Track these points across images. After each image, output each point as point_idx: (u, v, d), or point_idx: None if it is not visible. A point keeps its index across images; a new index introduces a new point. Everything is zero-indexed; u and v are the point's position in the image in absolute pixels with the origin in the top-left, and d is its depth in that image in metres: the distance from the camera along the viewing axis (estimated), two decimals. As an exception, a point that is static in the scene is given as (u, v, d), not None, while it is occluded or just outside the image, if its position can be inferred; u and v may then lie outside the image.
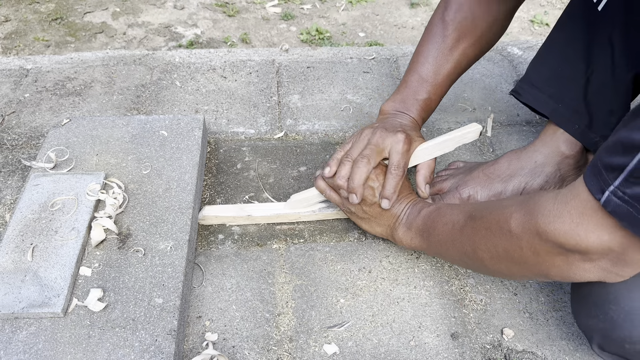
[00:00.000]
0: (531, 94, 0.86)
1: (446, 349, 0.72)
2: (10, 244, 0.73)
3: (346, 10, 1.80)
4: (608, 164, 0.47)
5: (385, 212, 0.77)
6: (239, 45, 1.60)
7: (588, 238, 0.50)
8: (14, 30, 1.60)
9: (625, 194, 0.45)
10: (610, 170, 0.46)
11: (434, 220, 0.72)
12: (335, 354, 0.71)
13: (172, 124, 0.94)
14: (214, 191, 0.92)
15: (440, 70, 0.83)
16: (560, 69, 0.83)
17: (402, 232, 0.76)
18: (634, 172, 0.44)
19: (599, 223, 0.49)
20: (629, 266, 0.51)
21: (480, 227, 0.63)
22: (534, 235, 0.55)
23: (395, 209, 0.77)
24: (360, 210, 0.79)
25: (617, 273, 0.52)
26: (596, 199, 0.48)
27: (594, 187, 0.48)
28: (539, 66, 0.86)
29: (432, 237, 0.71)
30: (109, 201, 0.79)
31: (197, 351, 0.70)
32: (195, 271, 0.80)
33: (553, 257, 0.54)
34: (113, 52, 1.25)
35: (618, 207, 0.46)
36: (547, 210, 0.53)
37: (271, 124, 1.07)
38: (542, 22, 1.77)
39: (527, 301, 0.78)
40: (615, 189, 0.46)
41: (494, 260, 0.62)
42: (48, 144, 0.89)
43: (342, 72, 1.21)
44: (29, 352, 0.63)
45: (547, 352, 0.73)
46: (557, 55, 0.83)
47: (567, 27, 0.81)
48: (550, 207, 0.53)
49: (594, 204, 0.48)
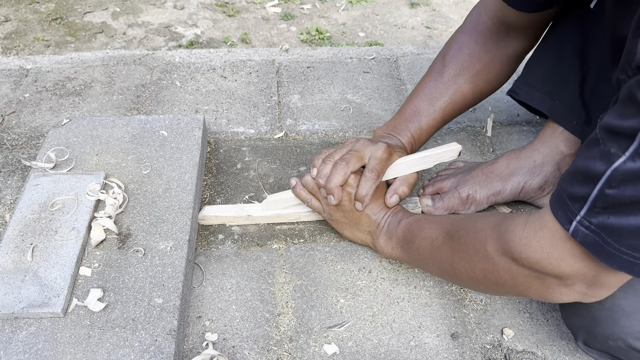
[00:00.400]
0: (528, 92, 0.87)
1: (446, 349, 0.72)
2: (10, 244, 0.73)
3: (346, 10, 1.80)
4: (571, 194, 0.48)
5: (365, 218, 0.78)
6: (239, 45, 1.60)
7: (560, 266, 0.51)
8: (14, 30, 1.60)
9: (591, 223, 0.46)
10: (575, 200, 0.48)
11: (413, 233, 0.73)
12: (335, 354, 0.71)
13: (172, 124, 0.94)
14: (214, 191, 0.92)
15: (434, 103, 0.85)
16: (556, 66, 0.83)
17: (383, 241, 0.77)
18: (596, 202, 0.45)
19: (570, 252, 0.50)
20: (604, 288, 0.52)
21: (458, 249, 0.64)
22: (510, 261, 0.56)
23: (376, 216, 0.78)
24: (340, 215, 0.80)
25: (592, 295, 0.53)
26: (565, 229, 0.49)
27: (561, 217, 0.49)
28: (535, 65, 0.87)
29: (412, 250, 0.73)
30: (109, 201, 0.79)
31: (197, 351, 0.70)
32: (195, 271, 0.80)
33: (530, 281, 0.56)
34: (113, 52, 1.25)
35: (586, 237, 0.47)
36: (518, 238, 0.54)
37: (271, 124, 1.07)
38: (542, 22, 1.76)
39: (527, 301, 0.78)
40: (582, 219, 0.47)
41: (472, 280, 0.64)
42: (48, 144, 0.89)
43: (342, 72, 1.21)
44: (29, 352, 0.63)
45: (547, 352, 0.73)
46: (552, 53, 0.84)
47: (561, 26, 0.82)
48: (520, 234, 0.54)
49: (562, 234, 0.50)
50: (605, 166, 0.43)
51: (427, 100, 0.85)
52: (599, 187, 0.44)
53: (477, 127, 1.08)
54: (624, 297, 0.57)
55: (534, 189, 0.85)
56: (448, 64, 0.85)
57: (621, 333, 0.57)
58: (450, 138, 1.05)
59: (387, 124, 0.88)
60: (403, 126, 0.86)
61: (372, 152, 0.78)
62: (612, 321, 0.58)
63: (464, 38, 0.85)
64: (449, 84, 0.85)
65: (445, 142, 1.04)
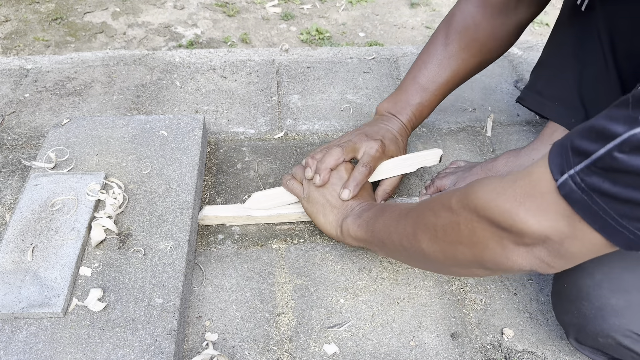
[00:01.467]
0: (534, 99, 0.90)
1: (446, 349, 0.72)
2: (10, 244, 0.73)
3: (346, 10, 1.80)
4: (577, 146, 0.45)
5: (342, 203, 0.78)
6: (239, 45, 1.60)
7: (527, 220, 0.48)
8: (14, 30, 1.60)
9: (583, 181, 0.43)
10: (577, 153, 0.45)
11: (383, 208, 0.72)
12: (335, 354, 0.71)
13: (172, 124, 0.94)
14: (214, 191, 0.92)
15: (437, 78, 0.84)
16: (557, 70, 0.85)
17: (350, 220, 0.75)
18: (597, 161, 0.43)
19: (546, 205, 0.47)
20: (563, 258, 0.49)
21: (425, 208, 0.62)
22: (472, 211, 0.53)
23: (353, 203, 0.78)
24: (320, 197, 0.79)
25: (549, 264, 0.50)
26: (554, 178, 0.46)
27: (555, 166, 0.46)
28: (540, 72, 0.90)
29: (377, 224, 0.70)
30: (109, 201, 0.79)
31: (197, 351, 0.70)
32: (195, 271, 0.80)
33: (487, 238, 0.52)
34: (113, 52, 1.25)
35: (572, 193, 0.44)
36: (492, 187, 0.51)
37: (271, 124, 1.07)
38: (542, 22, 1.76)
39: (527, 301, 0.78)
40: (575, 174, 0.44)
41: (431, 242, 0.60)
42: (48, 144, 0.89)
43: (342, 72, 1.21)
44: (29, 352, 0.63)
45: (547, 352, 0.73)
46: (554, 58, 0.86)
47: (559, 31, 0.84)
48: (495, 185, 0.51)
49: (547, 185, 0.46)
50: (625, 129, 0.41)
51: (430, 75, 0.84)
52: (609, 147, 0.42)
53: (477, 127, 1.08)
54: (613, 296, 0.57)
55: None
56: (452, 36, 0.83)
57: (611, 330, 0.58)
58: (450, 138, 1.05)
59: (389, 98, 0.88)
60: (404, 103, 0.86)
61: (367, 148, 0.80)
62: (601, 319, 0.58)
63: (470, 8, 0.83)
64: (454, 58, 0.83)
65: (445, 143, 1.04)
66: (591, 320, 0.59)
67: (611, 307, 0.57)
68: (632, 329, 0.56)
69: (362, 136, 0.81)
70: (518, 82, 1.19)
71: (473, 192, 0.53)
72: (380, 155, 0.80)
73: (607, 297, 0.58)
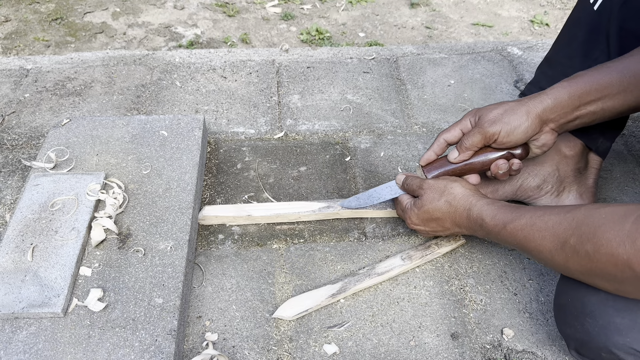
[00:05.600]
0: None
1: (446, 349, 0.72)
2: (10, 244, 0.73)
3: (346, 10, 1.80)
4: None
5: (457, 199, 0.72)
6: (239, 45, 1.60)
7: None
8: (14, 30, 1.60)
9: None
10: None
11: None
12: (335, 354, 0.71)
13: (172, 124, 0.94)
14: (214, 191, 0.92)
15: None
16: (563, 68, 0.84)
17: (483, 206, 0.69)
18: None
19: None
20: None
21: (581, 260, 0.56)
22: None
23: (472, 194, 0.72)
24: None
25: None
26: None
27: None
28: (545, 68, 0.89)
29: (519, 222, 0.64)
30: (109, 201, 0.79)
31: (197, 351, 0.70)
32: (195, 271, 0.80)
33: None
34: (113, 52, 1.25)
35: None
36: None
37: (271, 124, 1.07)
38: (542, 22, 1.76)
39: (527, 301, 0.78)
40: None
41: (581, 271, 0.57)
42: (48, 144, 0.89)
43: (342, 72, 1.21)
44: (29, 352, 0.63)
45: (547, 352, 0.73)
46: (560, 55, 0.85)
47: (569, 28, 0.83)
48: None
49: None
50: None
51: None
52: None
53: (477, 127, 1.08)
54: (618, 315, 0.57)
55: (531, 188, 0.85)
56: None
57: (614, 347, 0.58)
58: (450, 138, 1.05)
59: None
60: None
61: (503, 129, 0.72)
62: (605, 337, 0.58)
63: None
64: None
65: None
66: (595, 337, 0.59)
67: (615, 326, 0.57)
68: (635, 348, 0.56)
69: None
70: (518, 82, 1.19)
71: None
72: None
73: (612, 316, 0.57)
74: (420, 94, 1.15)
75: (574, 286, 0.62)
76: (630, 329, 0.56)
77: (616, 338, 0.57)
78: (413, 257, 0.81)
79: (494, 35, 1.71)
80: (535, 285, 0.80)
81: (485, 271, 0.82)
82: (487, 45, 1.31)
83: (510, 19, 1.79)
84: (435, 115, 1.10)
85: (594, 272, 0.55)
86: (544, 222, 0.61)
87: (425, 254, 0.81)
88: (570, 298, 0.63)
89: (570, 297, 0.63)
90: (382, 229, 0.87)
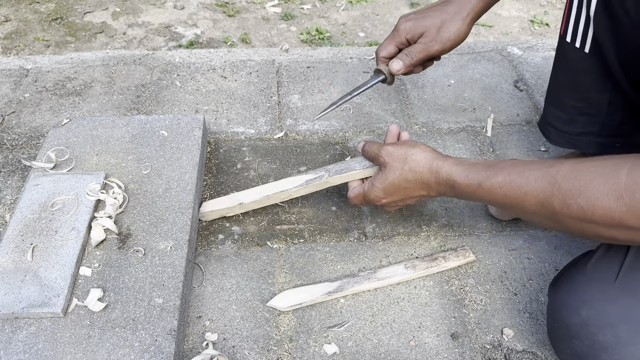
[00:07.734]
0: (560, 136, 0.87)
1: (446, 349, 0.72)
2: (10, 244, 0.73)
3: (346, 10, 1.80)
4: None
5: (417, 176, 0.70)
6: (239, 45, 1.60)
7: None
8: (14, 30, 1.60)
9: None
10: None
11: (497, 163, 0.62)
12: (335, 354, 0.71)
13: (172, 124, 0.94)
14: (214, 191, 0.92)
15: None
16: (574, 113, 0.83)
17: (451, 166, 0.66)
18: None
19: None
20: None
21: (575, 216, 0.53)
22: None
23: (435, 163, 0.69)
24: None
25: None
26: None
27: None
28: (555, 111, 0.86)
29: (496, 179, 0.61)
30: (109, 201, 0.79)
31: (197, 351, 0.70)
32: (195, 271, 0.80)
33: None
34: (113, 52, 1.25)
35: None
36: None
37: (271, 124, 1.07)
38: (542, 22, 1.76)
39: (527, 301, 0.78)
40: None
41: (586, 236, 0.55)
42: (48, 144, 0.89)
43: (342, 72, 1.21)
44: (29, 352, 0.63)
45: (547, 352, 0.73)
46: (566, 101, 0.83)
47: (566, 74, 0.82)
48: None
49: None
50: None
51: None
52: None
53: (477, 127, 1.08)
54: (600, 332, 0.57)
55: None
56: None
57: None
58: (450, 138, 1.05)
59: None
60: None
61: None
62: (592, 357, 0.58)
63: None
64: None
65: (445, 143, 1.04)
66: (584, 358, 0.59)
67: (600, 345, 0.57)
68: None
69: None
70: (518, 81, 1.19)
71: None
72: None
73: (594, 334, 0.57)
74: (420, 94, 1.15)
75: (557, 309, 0.62)
76: (615, 345, 0.56)
77: (604, 356, 0.57)
78: (417, 267, 0.81)
79: (494, 35, 1.71)
80: (535, 285, 0.80)
81: (485, 271, 0.82)
82: (487, 45, 1.31)
83: (511, 18, 1.79)
84: (435, 115, 1.10)
85: (588, 223, 0.52)
86: (524, 178, 0.57)
87: (430, 266, 0.81)
88: (556, 322, 0.63)
89: (556, 321, 0.63)
90: (382, 229, 0.87)
